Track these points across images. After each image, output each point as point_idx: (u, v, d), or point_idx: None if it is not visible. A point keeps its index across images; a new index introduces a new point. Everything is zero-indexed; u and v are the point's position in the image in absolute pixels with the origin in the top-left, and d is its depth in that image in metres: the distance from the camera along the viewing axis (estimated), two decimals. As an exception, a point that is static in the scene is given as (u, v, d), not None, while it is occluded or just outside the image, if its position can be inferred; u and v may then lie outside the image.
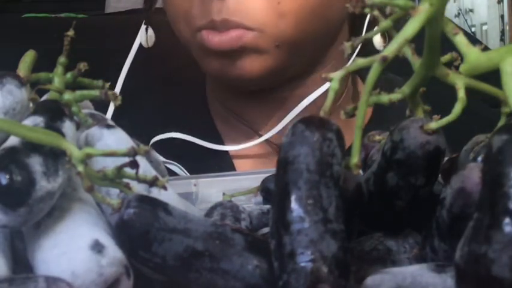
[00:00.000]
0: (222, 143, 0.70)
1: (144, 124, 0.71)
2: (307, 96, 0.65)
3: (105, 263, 0.28)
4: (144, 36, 0.71)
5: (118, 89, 0.70)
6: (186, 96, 0.76)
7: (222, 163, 0.69)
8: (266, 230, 0.41)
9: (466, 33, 0.30)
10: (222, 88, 0.71)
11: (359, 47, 0.35)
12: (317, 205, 0.27)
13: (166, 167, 0.67)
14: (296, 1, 0.60)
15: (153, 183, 0.30)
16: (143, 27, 0.71)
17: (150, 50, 0.71)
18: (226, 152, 0.70)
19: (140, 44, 0.70)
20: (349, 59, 0.57)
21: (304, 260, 0.26)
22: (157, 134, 0.69)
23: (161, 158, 0.68)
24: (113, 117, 0.66)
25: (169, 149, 0.69)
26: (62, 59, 0.36)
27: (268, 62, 0.62)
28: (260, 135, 0.67)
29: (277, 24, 0.60)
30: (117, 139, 0.35)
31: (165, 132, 0.69)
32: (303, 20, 0.61)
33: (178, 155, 0.68)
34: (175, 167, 0.67)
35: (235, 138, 0.70)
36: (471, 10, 2.91)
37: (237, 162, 0.70)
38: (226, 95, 0.71)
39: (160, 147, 0.69)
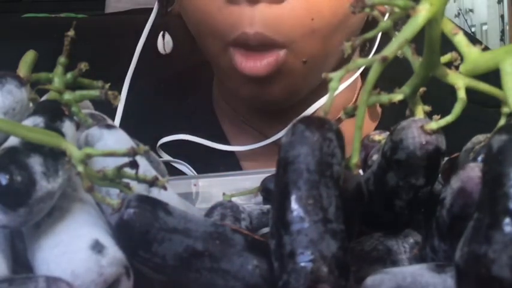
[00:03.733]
0: (228, 144, 0.69)
1: (150, 125, 0.71)
2: (317, 101, 0.64)
3: (105, 263, 0.28)
4: (161, 42, 0.69)
5: (125, 90, 0.69)
6: (191, 97, 0.75)
7: (229, 164, 0.68)
8: (266, 230, 0.41)
9: (466, 33, 0.30)
10: (233, 98, 0.70)
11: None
12: (317, 205, 0.27)
13: (174, 166, 0.67)
14: (327, 18, 0.59)
15: (153, 183, 0.30)
16: (160, 33, 0.69)
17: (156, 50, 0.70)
18: (233, 153, 0.69)
19: (144, 46, 0.69)
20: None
21: (304, 260, 0.26)
22: (164, 135, 0.68)
23: (168, 158, 0.68)
24: (121, 118, 0.66)
25: (177, 149, 0.68)
26: (62, 59, 0.36)
27: (296, 79, 0.61)
28: (266, 137, 0.66)
29: (307, 41, 0.59)
30: (117, 139, 0.35)
31: (172, 132, 0.68)
32: (330, 36, 0.60)
33: (186, 156, 0.67)
34: (183, 166, 0.67)
35: (242, 140, 0.69)
36: (471, 10, 2.91)
37: (243, 164, 0.70)
38: (236, 102, 0.69)
39: (168, 147, 0.69)
